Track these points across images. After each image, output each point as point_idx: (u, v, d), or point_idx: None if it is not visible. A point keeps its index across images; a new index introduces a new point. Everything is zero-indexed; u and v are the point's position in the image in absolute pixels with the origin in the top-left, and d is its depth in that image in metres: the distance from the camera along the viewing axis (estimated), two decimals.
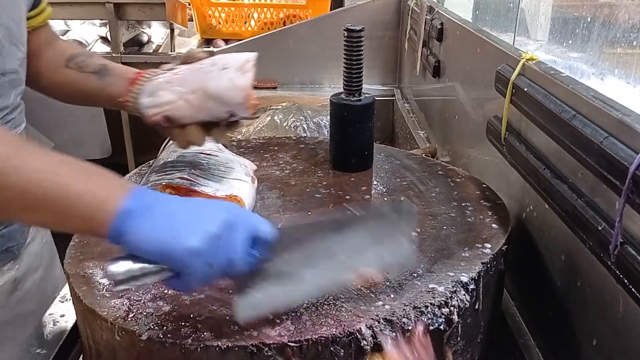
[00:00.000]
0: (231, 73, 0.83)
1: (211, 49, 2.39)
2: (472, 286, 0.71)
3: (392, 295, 0.68)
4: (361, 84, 1.02)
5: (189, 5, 2.58)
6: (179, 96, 0.83)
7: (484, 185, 0.96)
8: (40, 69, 0.97)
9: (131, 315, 0.66)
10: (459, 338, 0.71)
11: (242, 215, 0.62)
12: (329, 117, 1.07)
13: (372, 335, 0.63)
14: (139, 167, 1.06)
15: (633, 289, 0.59)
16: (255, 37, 2.30)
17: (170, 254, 0.58)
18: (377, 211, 0.72)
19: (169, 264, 0.59)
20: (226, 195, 0.84)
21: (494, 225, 0.84)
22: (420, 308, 0.66)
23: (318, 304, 0.67)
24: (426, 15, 1.66)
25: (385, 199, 0.93)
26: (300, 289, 0.66)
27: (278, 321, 0.64)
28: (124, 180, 0.65)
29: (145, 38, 2.73)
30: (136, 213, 0.58)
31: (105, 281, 0.72)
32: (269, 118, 1.50)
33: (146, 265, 0.59)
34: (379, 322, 0.64)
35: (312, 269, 0.65)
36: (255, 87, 2.25)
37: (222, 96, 0.82)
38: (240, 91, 0.83)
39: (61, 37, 1.11)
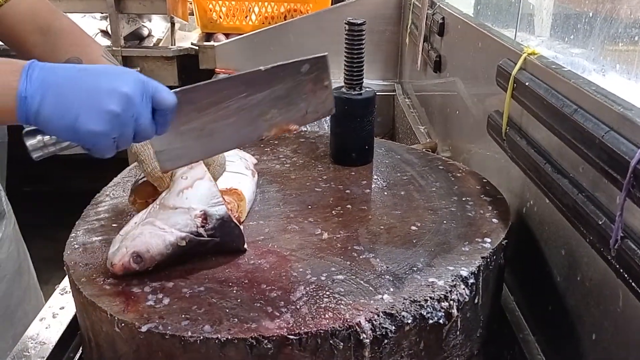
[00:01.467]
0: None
1: (212, 43, 2.39)
2: (471, 280, 0.71)
3: (391, 289, 0.68)
4: (362, 78, 1.02)
5: None
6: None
7: (484, 180, 0.96)
8: None
9: (131, 307, 0.66)
10: (458, 332, 0.71)
11: (139, 84, 0.61)
12: None
13: (371, 329, 0.63)
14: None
15: (633, 284, 0.59)
16: (256, 31, 2.29)
17: (76, 137, 0.60)
18: (289, 67, 0.72)
19: (79, 144, 0.61)
20: (226, 189, 0.84)
21: (494, 220, 0.83)
22: (419, 302, 0.66)
23: (317, 297, 0.67)
24: (427, 9, 1.65)
25: (386, 193, 0.93)
26: (216, 140, 0.69)
27: (277, 314, 0.64)
28: (15, 62, 0.62)
29: (145, 32, 2.72)
30: (33, 98, 0.59)
31: (105, 274, 0.72)
32: None
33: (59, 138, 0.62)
34: (378, 316, 0.64)
35: (227, 123, 0.68)
36: None
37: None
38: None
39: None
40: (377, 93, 1.06)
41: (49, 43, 0.92)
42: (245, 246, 0.76)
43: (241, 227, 0.75)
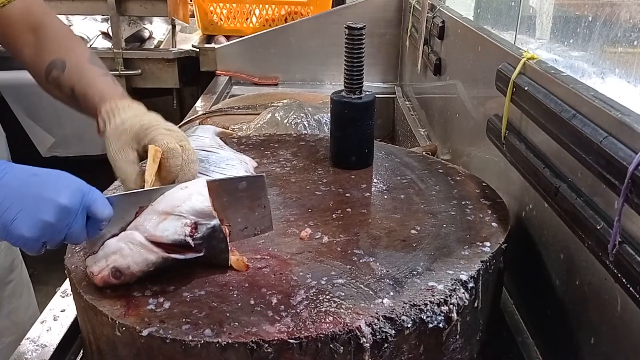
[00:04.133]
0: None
1: (213, 45, 2.39)
2: (471, 284, 0.72)
3: (391, 293, 0.68)
4: (362, 82, 1.02)
5: (191, 1, 2.58)
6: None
7: (483, 184, 0.97)
8: (28, 69, 0.94)
9: (131, 311, 0.66)
10: (457, 336, 0.71)
11: (78, 196, 0.64)
12: (329, 114, 1.07)
13: (371, 333, 0.63)
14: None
15: (631, 288, 0.59)
16: (257, 33, 2.30)
17: (6, 236, 0.62)
18: (226, 183, 0.77)
19: (7, 241, 0.64)
20: None
21: (493, 224, 0.84)
22: (419, 306, 0.67)
23: (318, 301, 0.67)
24: (428, 13, 1.66)
25: (386, 196, 0.94)
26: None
27: (278, 318, 0.64)
28: None
29: (146, 34, 2.73)
30: None
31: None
32: (269, 115, 1.50)
33: None
34: (378, 320, 0.64)
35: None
36: (257, 84, 2.26)
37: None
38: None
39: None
40: (378, 95, 1.06)
41: (37, 43, 0.93)
42: (230, 263, 0.74)
43: (229, 245, 0.75)
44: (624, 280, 0.60)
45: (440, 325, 0.68)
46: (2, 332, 1.06)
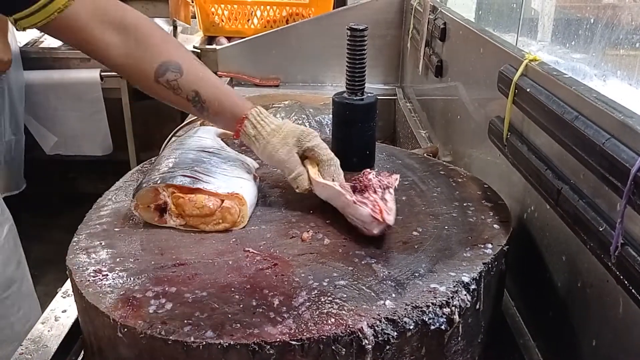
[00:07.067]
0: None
1: (214, 46, 2.39)
2: (473, 286, 0.71)
3: (393, 295, 0.68)
4: (364, 84, 1.02)
5: (192, 2, 2.59)
6: None
7: (485, 186, 0.97)
8: (116, 69, 0.91)
9: (133, 312, 0.66)
10: (459, 338, 0.71)
11: None
12: (331, 115, 1.07)
13: (373, 335, 0.63)
14: (141, 165, 1.06)
15: (633, 290, 0.59)
16: (258, 35, 2.30)
17: None
18: None
19: None
20: (228, 193, 0.84)
21: (495, 226, 0.84)
22: (421, 308, 0.67)
23: (319, 302, 0.67)
24: (429, 14, 1.66)
25: None
26: None
27: (280, 320, 0.64)
28: None
29: None
30: None
31: (106, 278, 0.72)
32: None
33: None
34: (380, 322, 0.64)
35: None
36: (258, 85, 2.26)
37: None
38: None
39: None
40: (379, 97, 1.06)
41: (129, 43, 0.89)
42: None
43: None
44: (626, 282, 0.60)
45: (442, 327, 0.68)
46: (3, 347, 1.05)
